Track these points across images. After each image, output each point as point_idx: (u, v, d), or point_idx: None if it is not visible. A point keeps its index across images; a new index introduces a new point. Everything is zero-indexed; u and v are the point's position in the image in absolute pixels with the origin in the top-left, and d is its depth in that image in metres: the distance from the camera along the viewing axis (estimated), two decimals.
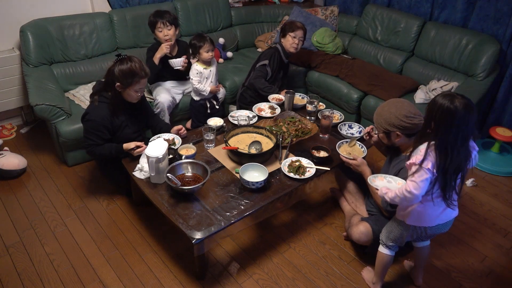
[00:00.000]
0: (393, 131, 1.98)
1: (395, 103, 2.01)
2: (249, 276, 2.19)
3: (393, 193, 1.75)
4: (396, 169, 2.07)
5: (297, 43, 3.10)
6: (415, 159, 1.66)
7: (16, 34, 3.07)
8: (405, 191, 1.68)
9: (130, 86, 2.24)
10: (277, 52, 3.17)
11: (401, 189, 1.71)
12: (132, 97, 2.31)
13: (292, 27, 3.09)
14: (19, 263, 2.20)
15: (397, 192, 1.72)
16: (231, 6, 4.15)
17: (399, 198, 1.72)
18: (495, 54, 3.06)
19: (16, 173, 2.83)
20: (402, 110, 1.95)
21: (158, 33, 2.96)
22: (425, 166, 1.62)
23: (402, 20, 3.58)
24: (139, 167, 2.23)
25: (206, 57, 2.96)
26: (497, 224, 2.61)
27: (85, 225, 2.47)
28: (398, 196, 1.72)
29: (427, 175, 1.63)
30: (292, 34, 3.07)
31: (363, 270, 2.22)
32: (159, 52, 2.95)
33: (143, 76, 2.25)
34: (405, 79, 3.42)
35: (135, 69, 2.21)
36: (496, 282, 2.22)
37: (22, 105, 3.30)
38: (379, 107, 2.07)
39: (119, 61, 2.22)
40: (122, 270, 2.19)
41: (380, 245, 2.02)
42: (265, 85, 3.08)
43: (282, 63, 3.23)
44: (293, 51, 3.14)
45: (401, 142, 2.04)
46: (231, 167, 2.32)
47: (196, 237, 1.87)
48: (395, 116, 1.95)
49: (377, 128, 2.08)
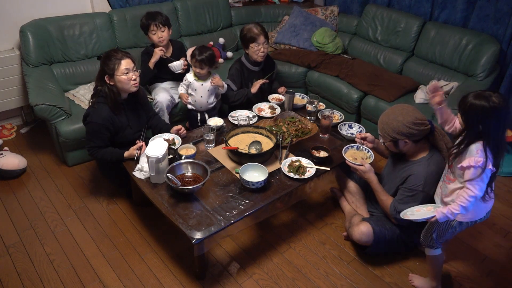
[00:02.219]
0: (401, 139, 1.97)
1: (400, 110, 1.98)
2: (249, 276, 2.19)
3: (457, 205, 1.72)
4: (403, 176, 2.06)
5: (263, 50, 2.90)
6: (473, 161, 1.66)
7: (16, 34, 3.07)
8: (469, 197, 1.69)
9: (116, 72, 2.22)
10: (241, 67, 3.01)
11: (463, 197, 1.71)
12: (125, 84, 2.25)
13: (252, 37, 2.86)
14: (19, 263, 2.20)
15: (461, 202, 1.71)
16: (231, 6, 4.15)
17: (468, 204, 1.70)
18: (495, 54, 3.06)
19: (16, 173, 2.83)
20: (408, 117, 1.93)
21: (152, 35, 2.95)
22: (488, 167, 1.66)
23: (402, 20, 3.58)
24: (139, 167, 2.23)
25: (196, 70, 2.83)
26: (497, 224, 2.61)
27: (85, 225, 2.47)
28: (466, 204, 1.70)
29: (488, 175, 1.67)
30: (254, 45, 2.88)
31: (412, 280, 2.15)
32: (154, 57, 2.94)
33: (121, 57, 2.23)
34: (405, 79, 3.42)
35: (110, 52, 2.25)
36: (496, 282, 2.22)
37: (22, 105, 3.30)
38: (384, 116, 2.03)
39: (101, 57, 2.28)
40: (122, 270, 2.19)
41: (428, 249, 1.99)
42: (233, 96, 2.96)
43: (252, 73, 3.05)
44: (261, 60, 2.96)
45: (408, 149, 2.03)
46: (231, 167, 2.32)
47: (196, 237, 1.87)
48: (402, 124, 1.93)
49: (383, 137, 2.05)
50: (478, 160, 1.65)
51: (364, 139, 2.29)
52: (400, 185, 2.08)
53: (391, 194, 2.14)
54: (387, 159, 2.36)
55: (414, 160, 2.06)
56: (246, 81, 3.05)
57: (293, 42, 3.95)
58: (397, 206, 2.05)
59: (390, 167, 2.24)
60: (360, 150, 2.32)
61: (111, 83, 2.26)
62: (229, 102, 3.02)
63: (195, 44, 3.72)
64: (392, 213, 2.08)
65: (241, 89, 3.01)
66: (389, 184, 2.18)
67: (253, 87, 3.01)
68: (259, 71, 3.08)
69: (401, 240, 2.19)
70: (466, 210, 1.73)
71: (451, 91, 3.08)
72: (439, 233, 1.94)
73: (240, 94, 2.98)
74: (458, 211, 1.73)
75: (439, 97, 1.96)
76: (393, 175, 2.18)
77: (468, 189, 1.70)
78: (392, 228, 2.17)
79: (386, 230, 2.15)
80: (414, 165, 2.04)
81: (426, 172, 1.99)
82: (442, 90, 2.02)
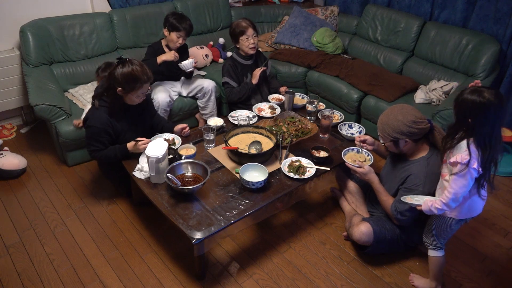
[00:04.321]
0: (401, 139, 1.97)
1: (400, 109, 1.99)
2: (249, 276, 2.19)
3: (440, 201, 1.76)
4: (403, 176, 2.06)
5: (253, 42, 2.94)
6: (459, 157, 1.67)
7: (16, 34, 3.07)
8: (449, 194, 1.71)
9: (133, 91, 2.18)
10: (233, 62, 3.04)
11: (444, 194, 1.74)
12: (134, 101, 2.26)
13: (241, 31, 2.91)
14: (19, 263, 2.20)
15: (445, 197, 1.74)
16: (231, 6, 4.15)
17: (448, 201, 1.73)
18: (495, 54, 3.06)
19: (16, 173, 2.83)
20: (409, 116, 1.94)
21: (173, 36, 2.92)
22: (471, 165, 1.66)
23: (402, 20, 3.58)
24: (139, 167, 2.23)
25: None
26: (497, 224, 2.61)
27: (85, 225, 2.47)
28: (446, 200, 1.73)
29: (473, 173, 1.67)
30: (243, 37, 2.93)
31: (412, 280, 2.16)
32: (166, 57, 2.92)
33: (145, 81, 2.18)
34: (405, 79, 3.42)
35: (137, 74, 2.13)
36: (496, 282, 2.22)
37: (22, 105, 3.30)
38: (383, 116, 2.04)
39: (121, 64, 2.14)
40: (122, 270, 2.19)
41: (430, 250, 2.01)
42: (239, 92, 2.99)
43: (246, 67, 3.08)
44: (253, 52, 2.99)
45: (408, 148, 2.03)
46: (231, 167, 2.32)
47: (196, 237, 1.87)
48: (403, 123, 1.93)
49: (383, 138, 2.05)
50: (465, 157, 1.66)
51: (363, 141, 2.29)
52: (400, 186, 2.08)
53: (391, 194, 2.14)
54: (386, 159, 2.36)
55: (414, 159, 2.06)
56: (241, 75, 3.07)
57: (293, 42, 3.95)
58: (398, 206, 2.05)
59: (389, 166, 2.24)
60: (359, 152, 2.32)
61: (120, 94, 2.20)
62: (236, 100, 3.02)
63: (195, 44, 3.74)
64: (393, 213, 2.07)
65: (243, 83, 3.03)
66: (388, 184, 2.18)
67: (253, 78, 3.03)
68: (252, 64, 3.11)
69: (401, 240, 2.19)
70: (448, 206, 1.75)
71: (451, 91, 3.08)
72: (438, 231, 1.95)
73: (244, 88, 3.00)
74: (440, 207, 1.76)
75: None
76: (392, 175, 2.18)
77: (450, 186, 1.72)
78: (392, 228, 2.17)
79: (386, 230, 2.15)
80: (413, 165, 2.04)
81: (426, 171, 1.99)
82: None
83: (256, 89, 3.08)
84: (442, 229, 1.94)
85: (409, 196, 1.95)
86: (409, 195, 2.00)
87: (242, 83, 3.03)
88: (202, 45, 3.75)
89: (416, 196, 1.96)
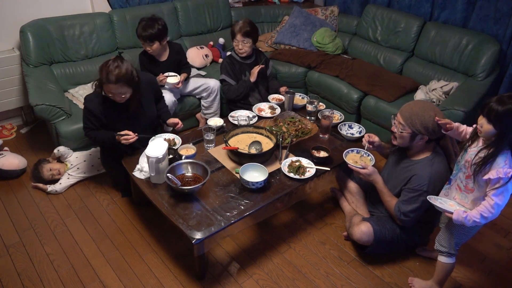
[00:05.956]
0: (422, 134, 1.96)
1: (431, 106, 1.98)
2: (249, 276, 2.19)
3: (479, 214, 1.70)
4: (406, 176, 2.06)
5: (241, 48, 2.95)
6: (502, 172, 1.63)
7: (16, 34, 3.07)
8: (492, 208, 1.67)
9: (103, 85, 2.17)
10: (231, 60, 3.06)
11: (485, 207, 1.69)
12: (109, 97, 2.22)
13: (233, 33, 2.94)
14: (19, 263, 2.20)
15: (483, 211, 1.69)
16: (231, 6, 4.15)
17: (490, 215, 1.68)
18: (495, 54, 3.06)
19: (16, 173, 2.83)
20: (439, 115, 1.94)
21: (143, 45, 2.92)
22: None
23: (402, 20, 3.58)
24: (139, 167, 2.23)
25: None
26: (497, 224, 2.61)
27: (85, 225, 2.47)
28: (487, 214, 1.68)
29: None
30: (234, 41, 2.96)
31: (412, 284, 2.13)
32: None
33: (107, 81, 2.10)
34: (405, 79, 3.42)
35: (103, 70, 2.10)
36: (496, 282, 2.22)
37: (22, 105, 3.30)
38: (416, 107, 1.98)
39: (115, 57, 2.16)
40: (122, 270, 2.19)
41: (441, 256, 1.97)
42: (237, 90, 3.01)
43: (244, 66, 3.08)
44: (243, 55, 3.01)
45: (419, 146, 2.03)
46: (231, 167, 2.32)
47: (196, 237, 1.87)
48: (432, 121, 1.92)
49: (406, 125, 1.98)
50: (508, 171, 1.62)
51: (371, 143, 2.26)
52: (403, 186, 2.08)
53: (394, 194, 2.14)
54: (387, 158, 2.36)
55: (417, 159, 2.06)
56: (239, 73, 3.08)
57: (293, 42, 3.95)
58: (401, 206, 2.05)
59: (391, 166, 2.24)
60: (360, 153, 2.32)
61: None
62: (234, 97, 3.04)
63: (195, 44, 3.74)
64: (397, 214, 2.07)
65: (241, 81, 3.04)
66: (390, 183, 2.18)
67: (251, 75, 3.03)
68: (252, 63, 3.12)
69: (402, 240, 2.19)
70: (485, 219, 1.70)
71: (451, 91, 3.08)
72: (459, 238, 1.91)
73: (242, 86, 3.01)
74: (478, 219, 1.70)
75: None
76: (394, 174, 2.18)
77: (492, 200, 1.66)
78: (393, 228, 2.16)
79: (386, 230, 2.15)
80: (417, 165, 2.04)
81: (430, 172, 1.99)
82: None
83: (254, 87, 3.10)
84: (464, 235, 1.90)
85: (433, 197, 1.90)
86: (414, 195, 2.00)
87: (240, 81, 3.04)
88: (202, 45, 3.75)
89: (440, 198, 1.92)
